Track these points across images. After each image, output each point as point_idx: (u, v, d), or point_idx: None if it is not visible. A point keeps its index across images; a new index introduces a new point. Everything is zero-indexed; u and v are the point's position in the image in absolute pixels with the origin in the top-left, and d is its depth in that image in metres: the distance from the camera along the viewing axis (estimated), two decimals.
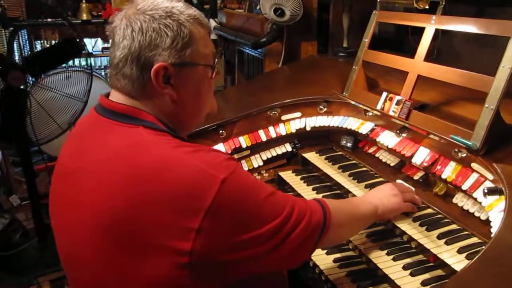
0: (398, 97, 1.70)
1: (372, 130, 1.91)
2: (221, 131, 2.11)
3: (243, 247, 1.07)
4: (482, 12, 2.04)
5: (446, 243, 1.43)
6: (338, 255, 1.61)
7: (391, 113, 1.72)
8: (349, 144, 2.08)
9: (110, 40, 1.22)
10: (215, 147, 2.11)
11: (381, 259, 1.50)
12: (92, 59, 3.23)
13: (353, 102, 1.92)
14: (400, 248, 1.53)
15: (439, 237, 1.46)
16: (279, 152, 2.22)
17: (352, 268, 1.56)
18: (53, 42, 3.32)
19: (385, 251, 1.53)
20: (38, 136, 3.15)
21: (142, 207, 1.04)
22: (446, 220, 1.54)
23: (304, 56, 2.84)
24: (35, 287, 2.94)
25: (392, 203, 1.54)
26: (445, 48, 2.47)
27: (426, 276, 1.41)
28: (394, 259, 1.49)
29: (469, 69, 1.54)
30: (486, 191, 1.32)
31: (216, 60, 1.27)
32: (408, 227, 1.55)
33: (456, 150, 1.49)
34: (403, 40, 2.67)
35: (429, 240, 1.47)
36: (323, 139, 2.23)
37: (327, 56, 2.75)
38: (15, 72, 2.69)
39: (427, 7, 1.78)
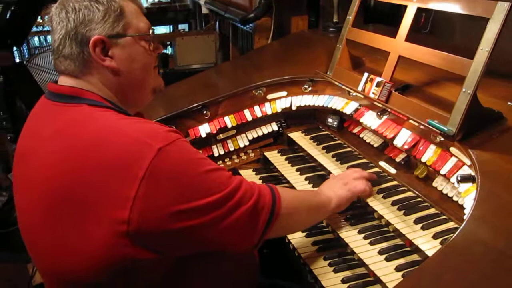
0: (378, 79, 1.66)
1: (356, 110, 1.88)
2: (205, 112, 2.09)
3: (182, 218, 1.08)
4: None
5: (423, 228, 1.42)
6: (316, 238, 1.62)
7: (371, 95, 1.68)
8: (335, 124, 2.05)
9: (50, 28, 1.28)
10: (200, 127, 2.10)
11: (358, 243, 1.50)
12: None
13: (336, 83, 1.88)
14: (378, 232, 1.53)
15: (416, 221, 1.45)
16: (265, 132, 2.20)
17: (329, 252, 1.55)
18: None
19: (363, 235, 1.52)
20: None
21: (82, 176, 1.08)
22: (425, 204, 1.53)
23: (295, 30, 2.78)
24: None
25: (344, 191, 1.55)
26: (439, 20, 2.40)
27: (401, 261, 1.40)
28: (371, 243, 1.49)
29: (465, 42, 1.48)
30: (459, 178, 1.30)
31: (151, 32, 1.32)
32: (386, 211, 1.54)
33: (434, 134, 1.46)
34: (398, 14, 2.58)
35: (405, 225, 1.46)
36: (309, 118, 2.20)
37: (317, 31, 2.68)
38: (1, 52, 2.66)
39: None
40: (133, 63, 1.28)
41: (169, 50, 3.76)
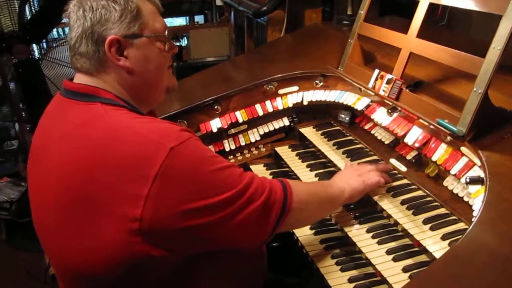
0: (388, 76, 1.63)
1: (367, 106, 1.85)
2: (216, 106, 2.09)
3: (194, 216, 1.09)
4: None
5: (431, 228, 1.40)
6: (325, 236, 1.61)
7: (381, 92, 1.65)
8: (346, 119, 2.03)
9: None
10: (212, 122, 2.10)
11: (366, 242, 1.49)
12: None
13: (347, 79, 1.86)
14: (387, 231, 1.52)
15: (425, 221, 1.43)
16: (277, 127, 2.19)
17: (337, 250, 1.55)
18: None
19: (371, 234, 1.51)
20: None
21: (95, 175, 1.09)
22: (435, 203, 1.50)
23: (308, 23, 2.74)
24: None
25: (358, 182, 1.54)
26: (456, 13, 2.33)
27: (409, 261, 1.39)
28: (378, 243, 1.47)
29: (483, 34, 1.43)
30: (468, 180, 1.28)
31: (167, 32, 1.32)
32: (395, 210, 1.52)
33: (444, 134, 1.44)
34: (416, 5, 2.51)
35: (414, 225, 1.44)
36: (321, 112, 2.18)
37: (330, 24, 2.64)
38: (19, 45, 2.70)
39: None
40: (147, 63, 1.29)
41: (184, 42, 3.76)
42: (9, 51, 2.86)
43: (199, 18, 4.23)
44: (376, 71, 1.69)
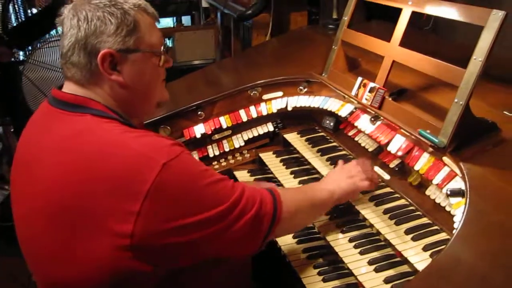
0: (371, 84, 1.62)
1: (351, 113, 1.83)
2: (199, 112, 2.07)
3: (186, 232, 1.08)
4: None
5: (413, 239, 1.39)
6: (307, 245, 1.60)
7: (364, 100, 1.64)
8: (331, 125, 2.01)
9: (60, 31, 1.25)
10: (195, 127, 2.08)
11: (348, 252, 1.48)
12: None
13: (330, 86, 1.84)
14: (369, 241, 1.51)
15: (407, 232, 1.42)
16: (261, 132, 2.17)
17: (320, 260, 1.53)
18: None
19: (353, 244, 1.50)
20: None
21: (85, 189, 1.07)
22: (417, 213, 1.50)
23: (294, 27, 2.72)
24: None
25: (348, 184, 1.53)
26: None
27: (391, 272, 1.38)
28: (361, 253, 1.46)
29: (468, 38, 1.42)
30: (449, 192, 1.27)
31: (163, 47, 1.28)
32: (377, 220, 1.51)
33: (426, 144, 1.43)
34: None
35: (396, 235, 1.43)
36: (306, 118, 2.16)
37: (316, 28, 2.63)
38: (1, 48, 2.65)
39: None
40: (141, 78, 1.25)
41: (170, 43, 3.72)
42: None
43: (186, 19, 4.20)
44: (359, 79, 1.68)
